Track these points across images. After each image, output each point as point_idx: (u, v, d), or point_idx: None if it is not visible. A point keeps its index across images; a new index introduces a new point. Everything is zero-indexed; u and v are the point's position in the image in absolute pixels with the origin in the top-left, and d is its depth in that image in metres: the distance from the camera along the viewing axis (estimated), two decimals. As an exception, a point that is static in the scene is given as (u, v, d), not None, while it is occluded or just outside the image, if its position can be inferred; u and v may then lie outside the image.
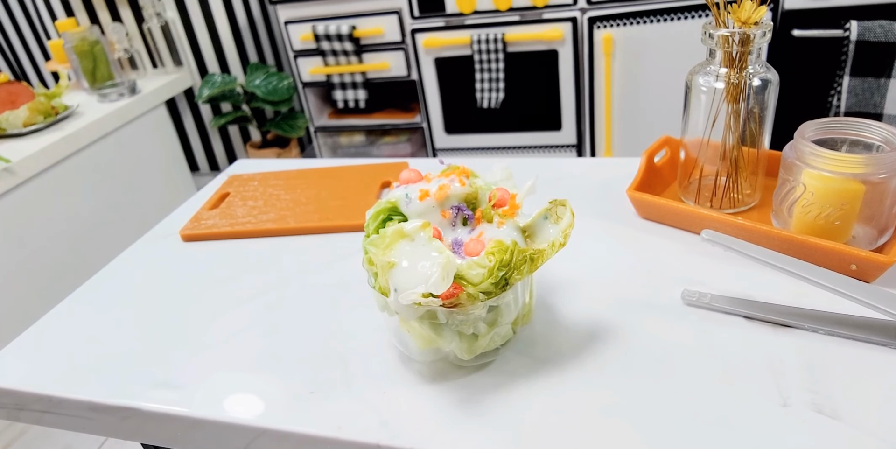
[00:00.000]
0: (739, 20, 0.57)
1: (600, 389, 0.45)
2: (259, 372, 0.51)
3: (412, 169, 0.50)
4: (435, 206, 0.46)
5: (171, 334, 0.57)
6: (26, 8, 2.48)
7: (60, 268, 1.63)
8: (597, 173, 0.77)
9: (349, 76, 1.98)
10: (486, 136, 1.97)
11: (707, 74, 0.61)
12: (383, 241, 0.44)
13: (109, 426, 0.52)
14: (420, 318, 0.45)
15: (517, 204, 0.47)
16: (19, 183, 1.50)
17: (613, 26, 1.66)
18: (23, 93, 1.68)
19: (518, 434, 0.42)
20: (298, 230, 0.72)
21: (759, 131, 0.62)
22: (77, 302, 0.65)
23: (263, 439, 0.47)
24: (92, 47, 1.93)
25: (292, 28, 1.94)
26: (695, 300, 0.52)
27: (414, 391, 0.47)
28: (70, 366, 0.55)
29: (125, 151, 1.86)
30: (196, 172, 2.60)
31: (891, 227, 0.56)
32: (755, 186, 0.65)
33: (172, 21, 2.22)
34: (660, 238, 0.63)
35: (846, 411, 0.41)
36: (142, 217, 1.89)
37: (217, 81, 2.19)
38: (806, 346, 0.47)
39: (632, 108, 1.78)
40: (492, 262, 0.42)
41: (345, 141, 2.20)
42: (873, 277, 0.53)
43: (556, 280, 0.58)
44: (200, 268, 0.68)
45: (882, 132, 0.55)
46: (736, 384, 0.44)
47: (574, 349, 0.49)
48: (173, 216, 0.80)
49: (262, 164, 0.93)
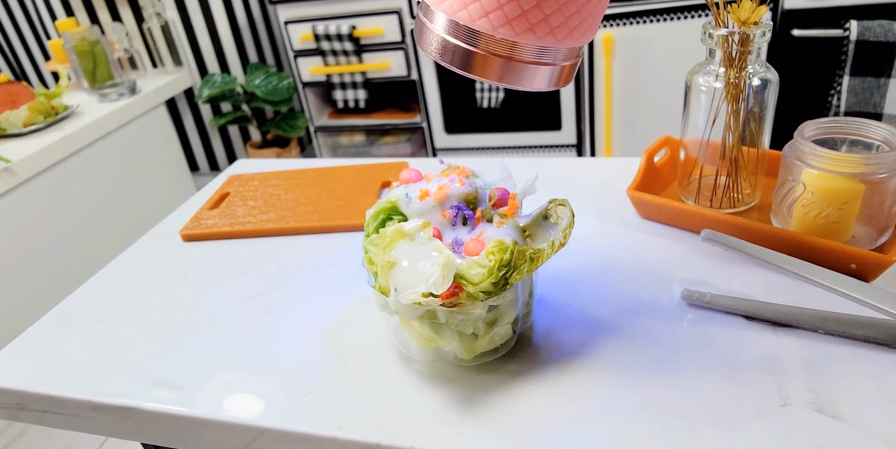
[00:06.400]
0: (739, 20, 0.57)
1: (600, 388, 0.45)
2: (259, 372, 0.51)
3: (412, 169, 0.50)
4: (435, 206, 0.46)
5: (172, 334, 0.57)
6: (26, 8, 2.48)
7: (60, 268, 1.63)
8: (597, 173, 0.77)
9: (349, 76, 1.98)
10: (486, 136, 1.97)
11: (707, 74, 0.61)
12: (383, 240, 0.44)
13: (110, 426, 0.52)
14: (420, 317, 0.45)
15: (517, 204, 0.47)
16: (19, 183, 1.50)
17: (613, 26, 1.66)
18: (23, 93, 1.68)
19: (518, 434, 0.42)
20: (298, 230, 0.72)
21: (759, 131, 0.62)
22: (77, 302, 0.65)
23: (263, 439, 0.47)
24: (92, 47, 1.93)
25: (292, 28, 1.94)
26: (695, 300, 0.52)
27: (414, 391, 0.47)
28: (70, 366, 0.55)
29: (125, 151, 1.86)
30: (196, 172, 2.60)
31: (891, 226, 0.56)
32: (755, 186, 0.65)
33: (172, 21, 2.22)
34: (660, 238, 0.63)
35: (846, 411, 0.41)
36: (142, 217, 1.89)
37: (217, 81, 2.19)
38: (806, 346, 0.47)
39: (632, 108, 1.78)
40: (492, 261, 0.42)
41: (345, 141, 2.20)
42: (873, 277, 0.53)
43: (557, 280, 0.58)
44: (200, 268, 0.68)
45: (882, 132, 0.55)
46: (736, 384, 0.44)
47: (574, 349, 0.49)
48: (173, 216, 0.80)
49: (262, 164, 0.93)
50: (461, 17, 0.35)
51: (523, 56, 0.36)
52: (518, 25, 0.35)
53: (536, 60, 0.37)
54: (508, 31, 0.35)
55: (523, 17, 0.35)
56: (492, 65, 0.36)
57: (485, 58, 0.36)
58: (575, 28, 0.36)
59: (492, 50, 0.36)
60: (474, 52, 0.36)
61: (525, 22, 0.35)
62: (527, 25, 0.35)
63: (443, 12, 0.36)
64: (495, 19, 0.35)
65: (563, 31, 0.36)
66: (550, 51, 0.37)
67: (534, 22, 0.35)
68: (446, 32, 0.37)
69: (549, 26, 0.35)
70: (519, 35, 0.35)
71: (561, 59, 0.38)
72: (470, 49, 0.36)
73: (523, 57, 0.36)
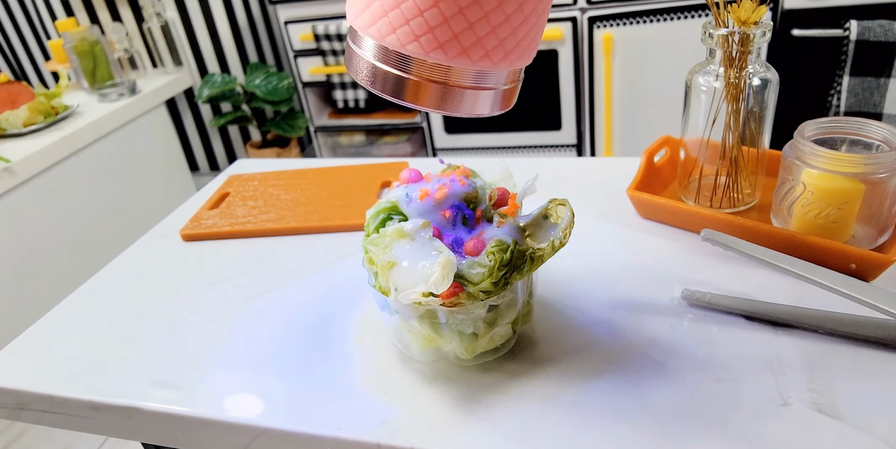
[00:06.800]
0: (739, 20, 0.57)
1: (600, 388, 0.45)
2: (259, 372, 0.51)
3: (412, 169, 0.50)
4: (435, 206, 0.46)
5: (172, 334, 0.57)
6: (26, 8, 2.48)
7: (60, 268, 1.63)
8: (597, 173, 0.77)
9: (349, 76, 1.98)
10: (486, 136, 1.97)
11: (707, 74, 0.61)
12: (383, 240, 0.44)
13: (110, 426, 0.52)
14: (420, 317, 0.45)
15: (517, 204, 0.48)
16: (19, 183, 1.50)
17: (613, 26, 1.66)
18: (23, 93, 1.68)
19: (518, 434, 0.42)
20: (298, 230, 0.72)
21: (759, 131, 0.62)
22: (77, 302, 0.65)
23: (263, 439, 0.47)
24: (92, 47, 1.93)
25: (292, 28, 1.94)
26: (695, 300, 0.52)
27: (414, 391, 0.47)
28: (71, 365, 0.55)
29: (125, 151, 1.86)
30: (196, 172, 2.60)
31: (890, 226, 0.56)
32: (755, 186, 0.65)
33: (172, 21, 2.22)
34: (660, 238, 0.63)
35: (846, 411, 0.41)
36: (142, 217, 1.89)
37: (217, 81, 2.19)
38: (806, 346, 0.47)
39: (632, 108, 1.78)
40: (492, 261, 0.42)
41: (345, 141, 2.20)
42: (873, 277, 0.53)
43: (557, 280, 0.58)
44: (200, 268, 0.68)
45: (882, 132, 0.55)
46: (736, 384, 0.44)
47: (574, 349, 0.49)
48: (173, 216, 0.80)
49: (262, 164, 0.93)
50: (390, 42, 0.33)
51: (461, 81, 0.34)
52: (450, 49, 0.33)
53: (475, 85, 0.35)
54: (440, 55, 0.33)
55: (455, 41, 0.33)
56: (427, 91, 0.34)
57: (418, 84, 0.34)
58: (511, 51, 0.34)
59: (426, 76, 0.34)
60: (407, 78, 0.34)
61: (458, 45, 0.33)
62: (460, 49, 0.33)
63: (370, 37, 0.34)
64: (426, 43, 0.33)
65: (498, 54, 0.34)
66: (489, 74, 0.35)
67: (467, 45, 0.33)
68: (376, 58, 0.35)
69: (484, 49, 0.33)
70: (452, 59, 0.33)
71: (501, 83, 0.36)
72: (402, 75, 0.34)
73: (461, 82, 0.34)
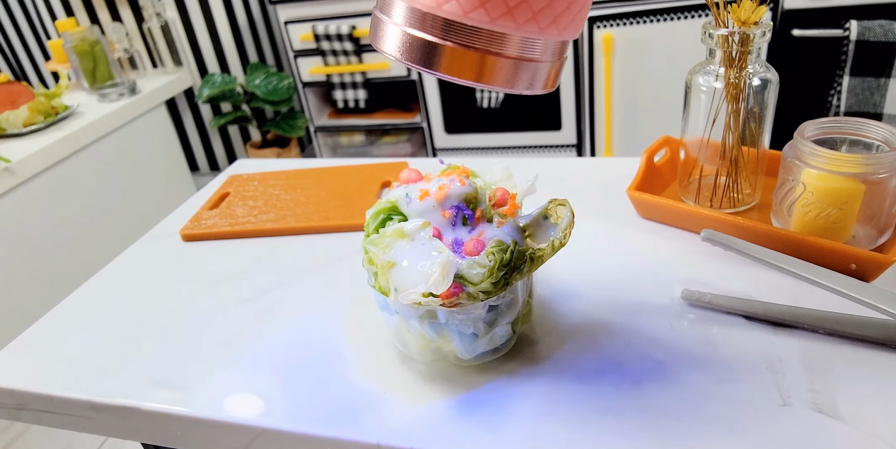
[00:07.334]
0: (739, 20, 0.57)
1: (600, 388, 0.45)
2: (259, 372, 0.51)
3: (412, 169, 0.50)
4: (435, 206, 0.46)
5: (172, 334, 0.57)
6: (26, 8, 2.48)
7: (60, 268, 1.63)
8: (597, 173, 0.77)
9: (349, 76, 1.98)
10: (486, 136, 1.97)
11: (707, 74, 0.61)
12: (383, 240, 0.44)
13: (110, 426, 0.52)
14: (420, 317, 0.45)
15: (517, 204, 0.47)
16: (19, 183, 1.50)
17: (613, 26, 1.66)
18: (23, 93, 1.68)
19: (518, 434, 0.42)
20: (298, 230, 0.72)
21: (759, 131, 0.62)
22: (77, 302, 0.65)
23: (263, 439, 0.47)
24: (92, 47, 1.93)
25: (292, 28, 1.94)
26: (695, 300, 0.52)
27: (414, 391, 0.47)
28: (70, 365, 0.55)
29: (125, 151, 1.86)
30: (196, 172, 2.60)
31: (891, 226, 0.56)
32: (755, 186, 0.65)
33: (172, 21, 2.22)
34: (660, 238, 0.63)
35: (846, 411, 0.41)
36: (142, 217, 1.89)
37: (217, 81, 2.19)
38: (806, 346, 0.47)
39: (632, 108, 1.78)
40: (492, 261, 0.42)
41: (345, 141, 2.20)
42: (873, 277, 0.53)
43: (557, 280, 0.58)
44: (200, 268, 0.68)
45: (882, 132, 0.55)
46: (736, 384, 0.44)
47: (574, 349, 0.49)
48: (173, 216, 0.80)
49: (262, 164, 0.93)
50: (425, 3, 0.30)
51: (503, 49, 0.30)
52: (494, 9, 0.29)
53: (519, 55, 0.31)
54: (482, 15, 0.29)
55: None
56: (463, 60, 0.30)
57: (454, 52, 0.30)
58: (561, 14, 0.30)
59: (463, 42, 0.30)
60: (441, 45, 0.30)
61: (503, 5, 0.29)
62: (504, 9, 0.29)
63: (402, 1, 0.30)
64: (466, 3, 0.29)
65: (546, 18, 0.30)
66: (535, 43, 0.31)
67: (513, 5, 0.29)
68: (407, 24, 0.30)
69: (531, 10, 0.29)
70: (495, 21, 0.29)
71: (547, 56, 0.32)
72: (436, 41, 0.30)
73: (503, 50, 0.30)
